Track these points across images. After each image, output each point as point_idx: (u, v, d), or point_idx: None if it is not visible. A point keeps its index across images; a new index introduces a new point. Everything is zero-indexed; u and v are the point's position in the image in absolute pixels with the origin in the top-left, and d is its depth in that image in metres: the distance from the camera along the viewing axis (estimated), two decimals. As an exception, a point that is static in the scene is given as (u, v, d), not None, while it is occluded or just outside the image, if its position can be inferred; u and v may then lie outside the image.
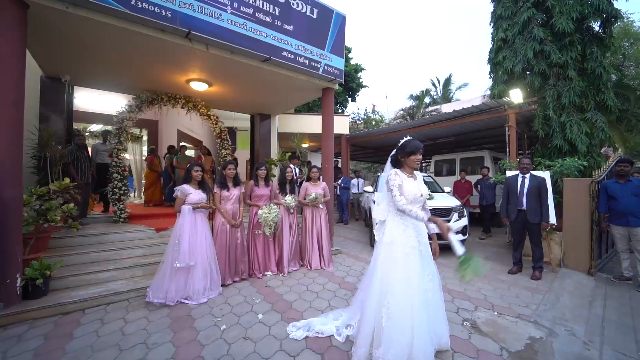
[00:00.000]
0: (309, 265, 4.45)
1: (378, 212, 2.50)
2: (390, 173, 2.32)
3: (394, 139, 10.27)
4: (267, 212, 3.97)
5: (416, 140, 2.38)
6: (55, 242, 3.94)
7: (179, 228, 3.25)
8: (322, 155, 5.57)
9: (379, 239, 2.42)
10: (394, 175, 2.27)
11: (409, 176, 2.34)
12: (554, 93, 6.47)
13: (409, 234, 2.22)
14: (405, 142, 2.39)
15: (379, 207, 2.51)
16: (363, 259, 5.02)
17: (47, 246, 3.71)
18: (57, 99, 5.15)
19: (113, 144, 5.30)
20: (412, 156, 2.31)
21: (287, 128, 10.16)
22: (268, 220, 3.95)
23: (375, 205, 2.56)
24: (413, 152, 2.31)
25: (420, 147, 2.33)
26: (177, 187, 3.32)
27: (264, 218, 3.95)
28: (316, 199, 4.44)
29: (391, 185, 2.26)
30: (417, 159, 2.31)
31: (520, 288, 3.72)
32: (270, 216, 3.94)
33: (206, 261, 3.39)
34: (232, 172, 3.78)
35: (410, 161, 2.33)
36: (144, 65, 4.67)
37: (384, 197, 2.43)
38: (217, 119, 6.46)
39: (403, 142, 2.40)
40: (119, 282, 3.61)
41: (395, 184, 2.24)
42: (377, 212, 2.52)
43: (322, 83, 5.37)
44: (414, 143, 2.34)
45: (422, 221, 2.17)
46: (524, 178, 4.28)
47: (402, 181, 2.27)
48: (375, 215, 2.55)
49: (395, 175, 2.27)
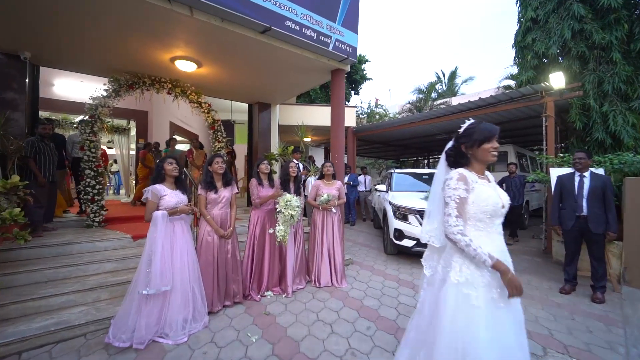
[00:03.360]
0: (317, 282, 3.67)
1: (430, 233, 1.71)
2: (451, 176, 1.51)
3: (406, 132, 9.47)
4: (288, 198, 3.20)
5: (487, 123, 1.58)
6: (1, 255, 3.16)
7: (150, 242, 2.46)
8: (332, 148, 4.76)
9: (433, 275, 1.64)
10: (456, 182, 1.47)
11: (480, 177, 1.54)
12: (595, 79, 5.66)
13: (492, 267, 1.43)
14: (472, 126, 1.59)
15: (430, 225, 1.72)
16: (380, 271, 4.24)
17: (-14, 262, 2.93)
18: (16, 81, 4.31)
19: (85, 135, 4.47)
20: (485, 144, 1.51)
21: (288, 120, 9.33)
22: (287, 218, 3.16)
23: (426, 220, 1.76)
24: (487, 139, 1.51)
25: (497, 132, 1.53)
26: (147, 188, 2.51)
27: (284, 205, 3.16)
28: (329, 200, 3.65)
29: (447, 197, 1.48)
30: (493, 148, 1.52)
31: (586, 316, 2.95)
32: (291, 203, 3.17)
33: (187, 284, 2.60)
34: (221, 167, 2.98)
35: (482, 153, 1.53)
36: (118, 39, 3.83)
37: (439, 212, 1.64)
38: (209, 106, 5.63)
39: (467, 126, 1.60)
40: (77, 309, 2.82)
41: (454, 196, 1.45)
42: (428, 233, 1.72)
43: (332, 63, 4.53)
44: (485, 126, 1.55)
45: (483, 264, 1.38)
46: (582, 177, 3.49)
47: (474, 188, 1.47)
48: (424, 235, 1.75)
49: (457, 182, 1.47)
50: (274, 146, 7.12)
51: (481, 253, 1.35)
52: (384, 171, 18.86)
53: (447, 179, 1.53)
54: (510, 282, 1.32)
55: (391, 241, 4.83)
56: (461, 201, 1.45)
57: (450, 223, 1.43)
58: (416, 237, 4.41)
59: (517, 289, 1.33)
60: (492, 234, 1.48)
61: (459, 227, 1.42)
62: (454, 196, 1.46)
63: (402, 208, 4.75)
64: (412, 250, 4.50)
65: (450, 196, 1.47)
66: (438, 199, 1.63)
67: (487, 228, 1.47)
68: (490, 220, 1.46)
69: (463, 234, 1.41)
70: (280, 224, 3.17)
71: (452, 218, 1.43)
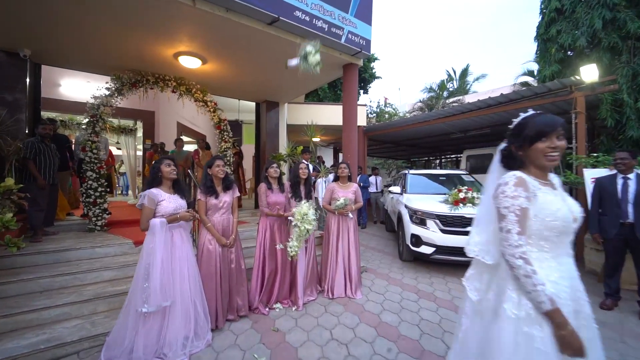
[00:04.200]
0: (330, 293, 3.39)
1: (480, 246, 1.40)
2: (506, 181, 1.19)
3: (418, 131, 9.06)
4: (304, 210, 2.91)
5: (547, 114, 1.26)
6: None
7: (147, 253, 2.22)
8: (344, 148, 4.48)
9: (481, 301, 1.33)
10: (514, 188, 1.16)
11: (543, 183, 1.23)
12: (629, 72, 5.23)
13: (562, 296, 1.12)
14: (524, 121, 1.27)
15: (480, 236, 1.41)
16: (397, 281, 3.93)
17: (-21, 271, 2.75)
18: (16, 80, 4.16)
19: (86, 135, 4.29)
20: (538, 143, 1.19)
21: (296, 120, 9.08)
22: (302, 233, 2.88)
23: (474, 230, 1.45)
24: (540, 135, 1.19)
25: (556, 125, 1.18)
26: (144, 192, 2.27)
27: (300, 218, 2.88)
28: (346, 205, 3.36)
29: (504, 207, 1.16)
30: (550, 148, 1.18)
31: (639, 338, 2.59)
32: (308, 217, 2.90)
33: (188, 298, 2.36)
34: (222, 171, 2.72)
35: (535, 155, 1.21)
36: (119, 34, 3.65)
37: (492, 221, 1.33)
38: (215, 105, 5.41)
39: (519, 120, 1.29)
40: (72, 323, 2.60)
41: (513, 207, 1.14)
42: (477, 245, 1.41)
43: (344, 57, 4.25)
44: (540, 119, 1.22)
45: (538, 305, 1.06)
46: (625, 179, 3.11)
47: (536, 197, 1.17)
48: (472, 248, 1.43)
49: (516, 188, 1.16)
50: (282, 146, 6.88)
51: (541, 291, 1.03)
52: (394, 172, 18.47)
53: (500, 184, 1.22)
54: (565, 340, 1.01)
55: (407, 247, 4.51)
56: (523, 213, 1.14)
57: (511, 242, 1.12)
58: (436, 244, 4.09)
59: (575, 350, 1.01)
60: (560, 256, 1.17)
61: (521, 248, 1.10)
62: (513, 207, 1.14)
63: (419, 212, 4.42)
64: (431, 258, 4.17)
65: (507, 207, 1.15)
66: (488, 207, 1.32)
67: (554, 249, 1.16)
68: (558, 238, 1.16)
69: (527, 261, 1.08)
70: (294, 239, 2.89)
71: (512, 236, 1.12)
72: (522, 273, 1.07)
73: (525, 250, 1.11)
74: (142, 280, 2.16)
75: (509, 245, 1.12)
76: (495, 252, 1.32)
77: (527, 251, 1.11)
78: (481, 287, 1.36)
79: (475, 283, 1.40)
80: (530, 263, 1.08)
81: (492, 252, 1.33)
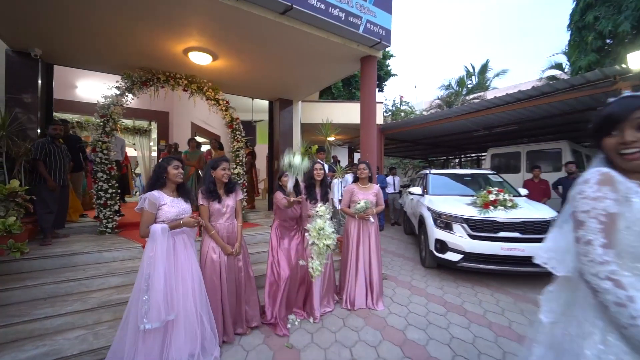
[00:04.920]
0: (349, 304, 3.11)
1: (551, 253, 1.08)
2: (587, 178, 0.91)
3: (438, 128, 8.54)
4: (320, 225, 2.65)
5: (628, 95, 0.94)
6: (1, 267, 2.88)
7: (147, 262, 2.01)
8: (362, 146, 4.19)
9: (554, 328, 1.03)
10: (596, 187, 0.88)
11: None
12: (681, 59, 4.64)
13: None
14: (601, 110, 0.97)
15: (555, 242, 1.09)
16: (421, 290, 3.60)
17: (-17, 276, 2.65)
18: (28, 80, 4.12)
19: (96, 136, 4.20)
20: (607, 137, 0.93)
21: (310, 119, 8.85)
22: (322, 250, 2.63)
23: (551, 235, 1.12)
24: (609, 126, 0.93)
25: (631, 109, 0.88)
26: (144, 195, 2.06)
27: (317, 234, 2.64)
28: (367, 208, 3.07)
29: (582, 212, 0.88)
30: (622, 144, 0.89)
31: None
32: (325, 231, 2.64)
33: (193, 312, 2.14)
34: (226, 175, 2.45)
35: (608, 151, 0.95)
36: (127, 29, 3.52)
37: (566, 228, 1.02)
38: (227, 104, 5.24)
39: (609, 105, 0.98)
40: (74, 333, 2.45)
41: (596, 211, 0.86)
42: (548, 251, 1.09)
43: (362, 49, 3.96)
44: (614, 104, 0.94)
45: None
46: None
47: (630, 202, 0.86)
48: (542, 255, 1.10)
49: (599, 187, 0.87)
50: (296, 145, 6.65)
51: None
52: (410, 171, 17.93)
53: (579, 182, 0.93)
54: None
55: (431, 253, 4.17)
56: (610, 220, 0.84)
57: (592, 257, 0.82)
58: (464, 250, 3.74)
59: None
60: None
61: (608, 266, 0.81)
62: (595, 211, 0.85)
63: (444, 215, 4.08)
64: (458, 266, 3.82)
65: (587, 211, 0.86)
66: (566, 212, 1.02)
67: None
68: None
69: (618, 283, 0.79)
70: (315, 258, 2.64)
71: (594, 249, 0.83)
72: (613, 300, 0.78)
73: (615, 269, 0.81)
74: (141, 293, 1.96)
75: (589, 261, 0.83)
76: (568, 264, 1.01)
77: (617, 271, 0.81)
78: (557, 310, 1.05)
79: (552, 304, 1.08)
80: (623, 286, 0.78)
81: (567, 262, 1.02)
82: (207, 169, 2.43)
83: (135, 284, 2.00)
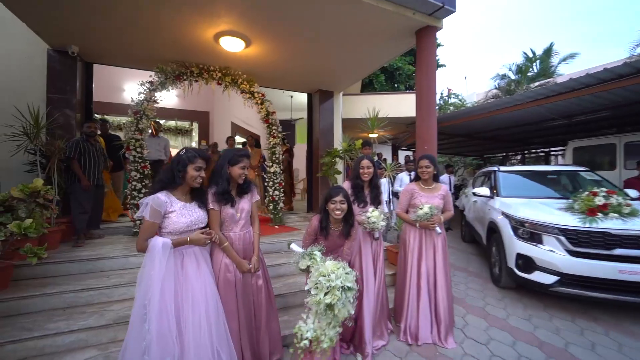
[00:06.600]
0: (409, 336, 2.41)
1: None
2: None
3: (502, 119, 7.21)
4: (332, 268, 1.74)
5: None
6: (27, 271, 2.72)
7: (146, 285, 1.57)
8: (418, 138, 3.44)
9: None
10: None
11: None
12: None
13: None
14: None
15: None
16: (501, 322, 2.77)
17: (7, 282, 2.48)
18: (66, 79, 4.08)
19: (130, 133, 4.03)
20: None
21: (351, 114, 8.21)
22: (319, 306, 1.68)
23: None
24: None
25: None
26: (146, 199, 1.61)
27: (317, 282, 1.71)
28: (432, 215, 2.37)
29: None
30: None
31: None
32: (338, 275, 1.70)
33: (208, 347, 1.65)
34: (244, 174, 1.93)
35: None
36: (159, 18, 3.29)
37: None
38: (262, 97, 4.84)
39: None
40: (86, 354, 2.13)
41: None
42: None
43: (418, 17, 3.22)
44: None
45: None
46: None
47: None
48: None
49: None
50: (337, 141, 6.06)
51: None
52: (461, 170, 16.31)
53: None
54: None
55: (509, 271, 3.28)
56: None
57: None
58: (560, 271, 2.81)
59: None
60: None
61: None
62: None
63: (528, 223, 3.17)
64: (551, 291, 2.90)
65: None
66: None
67: None
68: None
69: None
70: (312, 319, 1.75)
71: None
72: None
73: None
74: (139, 321, 1.52)
75: None
76: None
77: None
78: None
79: None
80: None
81: None
82: (222, 163, 1.91)
83: (133, 310, 1.57)
